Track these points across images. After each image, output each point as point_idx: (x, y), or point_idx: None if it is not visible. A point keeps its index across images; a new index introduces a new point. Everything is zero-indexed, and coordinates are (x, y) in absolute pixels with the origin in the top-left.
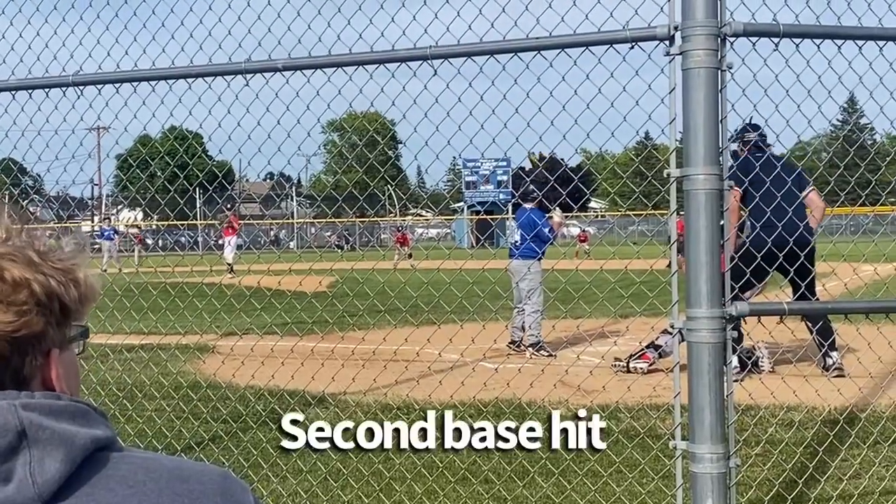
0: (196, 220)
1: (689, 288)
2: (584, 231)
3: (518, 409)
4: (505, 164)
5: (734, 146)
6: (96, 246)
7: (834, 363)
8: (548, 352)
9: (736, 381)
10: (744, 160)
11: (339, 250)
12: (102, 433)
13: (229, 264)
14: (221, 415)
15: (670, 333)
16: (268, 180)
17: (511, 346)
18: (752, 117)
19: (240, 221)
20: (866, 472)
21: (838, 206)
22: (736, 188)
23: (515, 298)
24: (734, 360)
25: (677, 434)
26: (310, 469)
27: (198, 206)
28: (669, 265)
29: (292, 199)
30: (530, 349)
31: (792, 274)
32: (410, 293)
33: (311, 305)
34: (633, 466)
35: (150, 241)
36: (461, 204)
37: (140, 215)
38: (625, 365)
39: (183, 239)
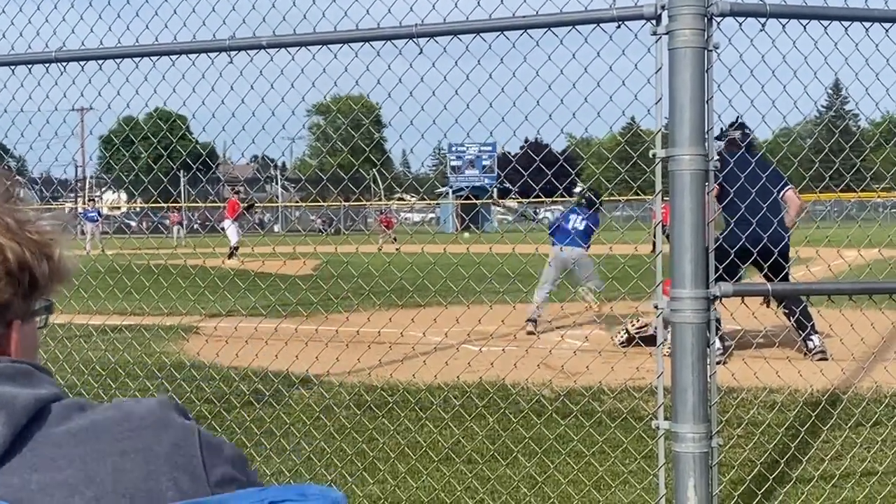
0: (179, 201)
1: (674, 269)
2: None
3: (502, 390)
4: (490, 148)
5: (719, 144)
6: (81, 227)
7: (815, 347)
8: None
9: (718, 362)
10: (721, 158)
11: (322, 233)
12: (47, 391)
13: (233, 247)
14: (205, 395)
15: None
16: (252, 162)
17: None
18: (738, 117)
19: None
20: (848, 453)
21: (821, 192)
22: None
23: (552, 280)
24: (717, 342)
25: (660, 414)
26: (293, 449)
27: (181, 186)
28: (654, 248)
29: (276, 182)
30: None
31: (766, 271)
32: (395, 274)
33: (295, 286)
34: (616, 447)
35: (132, 223)
36: (446, 188)
37: (124, 196)
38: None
39: (167, 221)
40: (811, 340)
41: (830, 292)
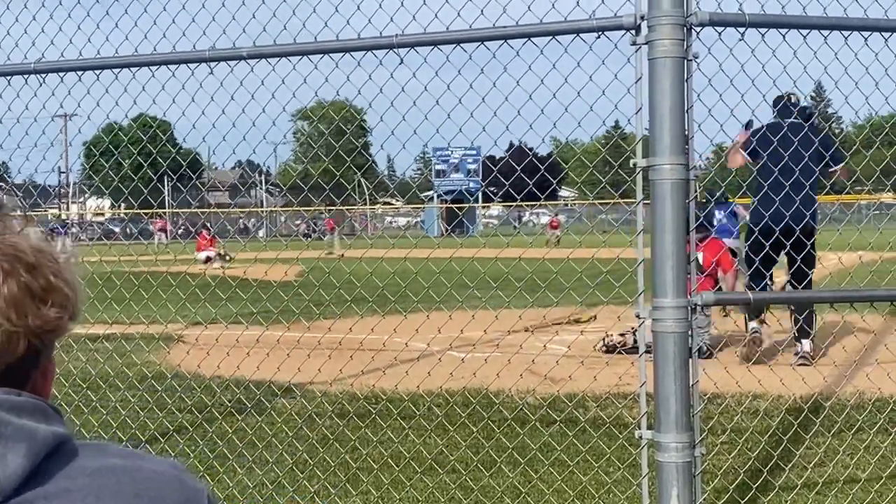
0: (163, 208)
1: (655, 277)
2: (555, 217)
3: (485, 399)
4: (474, 152)
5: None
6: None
7: (801, 352)
8: None
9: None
10: (769, 126)
11: (306, 239)
12: (63, 430)
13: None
14: (187, 405)
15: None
16: (236, 168)
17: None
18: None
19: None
20: (830, 460)
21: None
22: (741, 152)
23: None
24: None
25: (643, 423)
26: (276, 460)
27: (166, 194)
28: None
29: (260, 188)
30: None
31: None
32: (377, 283)
33: (278, 295)
34: (599, 456)
35: (116, 229)
36: (431, 193)
37: (107, 204)
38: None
39: (150, 228)
40: (800, 343)
41: (812, 300)
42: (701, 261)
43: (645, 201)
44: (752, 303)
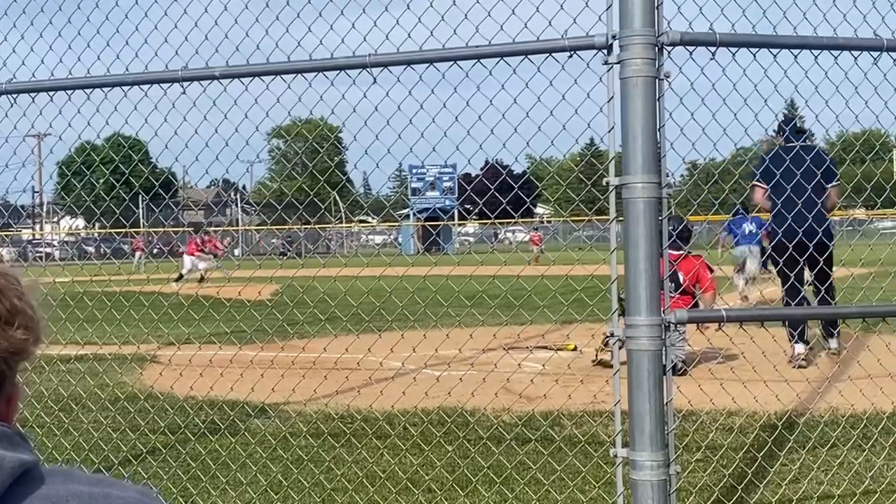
0: (139, 227)
1: (629, 296)
2: (535, 232)
3: (461, 418)
4: (451, 170)
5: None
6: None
7: (835, 349)
8: None
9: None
10: (775, 153)
11: (282, 257)
12: (29, 457)
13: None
14: (160, 427)
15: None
16: (212, 187)
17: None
18: (784, 117)
19: (216, 246)
20: (805, 476)
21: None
22: (760, 185)
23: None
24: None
25: (618, 441)
26: (249, 481)
27: (140, 212)
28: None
29: (236, 206)
30: None
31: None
32: (351, 302)
33: (252, 315)
34: (574, 474)
35: (90, 249)
36: (407, 210)
37: (81, 223)
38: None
39: (125, 247)
40: (829, 341)
41: (784, 317)
42: (680, 279)
43: (618, 219)
44: (727, 320)
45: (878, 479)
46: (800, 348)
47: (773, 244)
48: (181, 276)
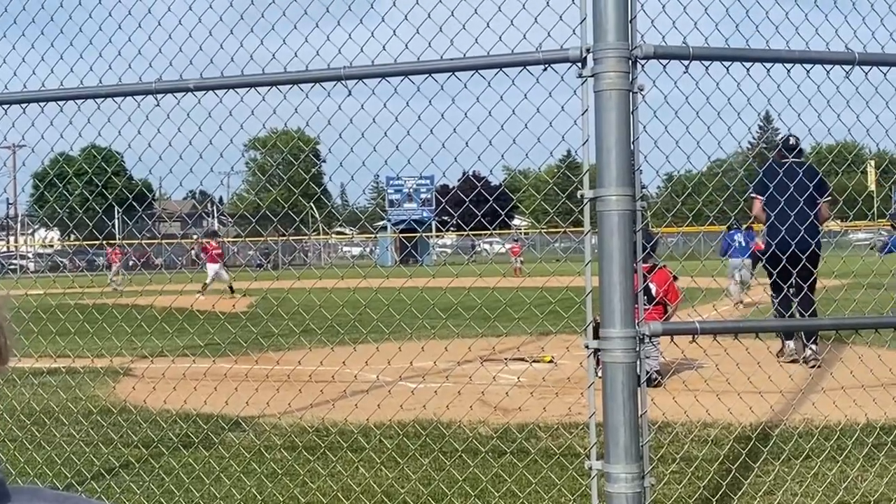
0: (115, 238)
1: (603, 308)
2: (515, 242)
3: (436, 430)
4: (428, 182)
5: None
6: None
7: (812, 354)
8: None
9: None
10: (770, 168)
11: (259, 269)
12: None
13: (230, 286)
14: (133, 440)
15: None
16: (188, 199)
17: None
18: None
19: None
20: (779, 488)
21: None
22: (758, 197)
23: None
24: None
25: (593, 454)
26: (224, 495)
27: (117, 225)
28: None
29: (213, 217)
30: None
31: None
32: (326, 314)
33: (226, 328)
34: (550, 486)
35: (65, 262)
36: (385, 222)
37: (56, 235)
38: None
39: (101, 259)
40: (810, 349)
41: (757, 329)
42: (654, 292)
43: (593, 231)
44: (700, 332)
45: (852, 491)
46: (790, 344)
47: (767, 254)
48: (206, 287)
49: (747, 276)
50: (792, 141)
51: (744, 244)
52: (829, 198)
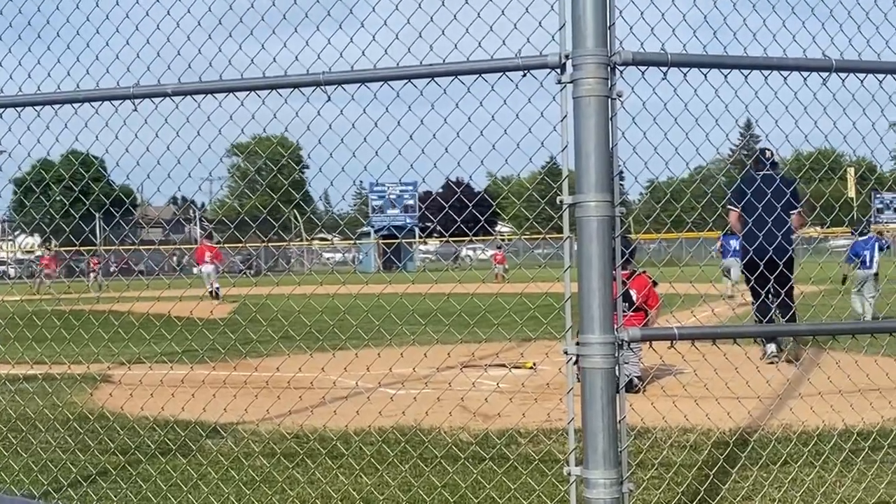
0: (94, 245)
1: (582, 314)
2: (498, 249)
3: (415, 436)
4: (411, 187)
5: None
6: None
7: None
8: None
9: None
10: (752, 173)
11: (242, 275)
12: None
13: (216, 290)
14: (110, 447)
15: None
16: (170, 204)
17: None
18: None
19: (213, 248)
20: (758, 493)
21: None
22: (734, 208)
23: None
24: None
25: (572, 460)
26: (202, 502)
27: (98, 231)
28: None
29: (194, 224)
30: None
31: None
32: (305, 321)
33: (203, 334)
34: (529, 492)
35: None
36: (367, 228)
37: (37, 241)
38: None
39: (82, 265)
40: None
41: (735, 335)
42: (634, 297)
43: (572, 237)
44: (679, 338)
45: (829, 496)
46: (771, 347)
47: (744, 262)
48: (216, 293)
49: (737, 273)
50: (767, 154)
51: (738, 248)
52: (800, 209)
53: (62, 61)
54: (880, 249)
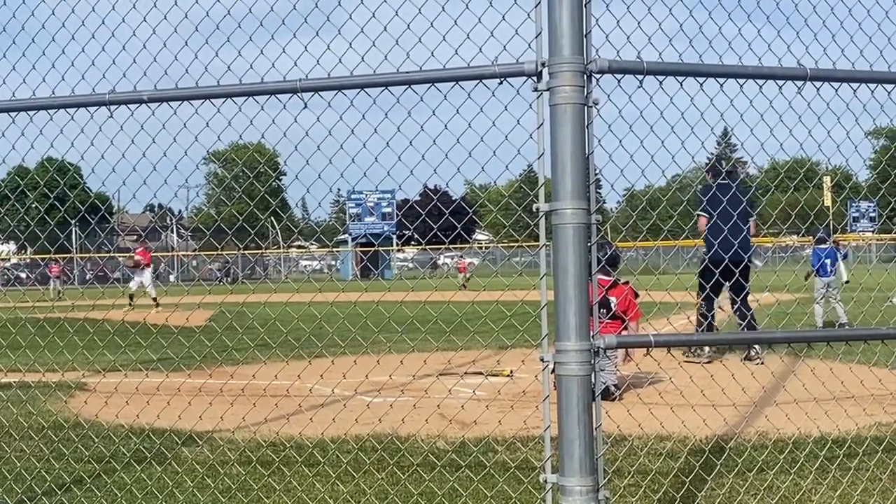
0: (67, 253)
1: (558, 321)
2: (461, 260)
3: (392, 444)
4: (389, 195)
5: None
6: None
7: (757, 354)
8: None
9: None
10: (707, 187)
11: (219, 283)
12: None
13: (153, 298)
14: (85, 456)
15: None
16: (146, 211)
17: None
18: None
19: (146, 253)
20: (734, 501)
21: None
22: (704, 215)
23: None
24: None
25: (548, 467)
26: None
27: (74, 238)
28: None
29: (171, 231)
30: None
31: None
32: (281, 328)
33: (179, 342)
34: (506, 500)
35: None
36: (346, 236)
37: (12, 248)
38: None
39: (47, 272)
40: (753, 349)
41: (710, 343)
42: (613, 306)
43: (548, 244)
44: (654, 345)
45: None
46: (757, 348)
47: (705, 266)
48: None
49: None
50: (727, 166)
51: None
52: (755, 216)
53: (37, 67)
54: (844, 257)
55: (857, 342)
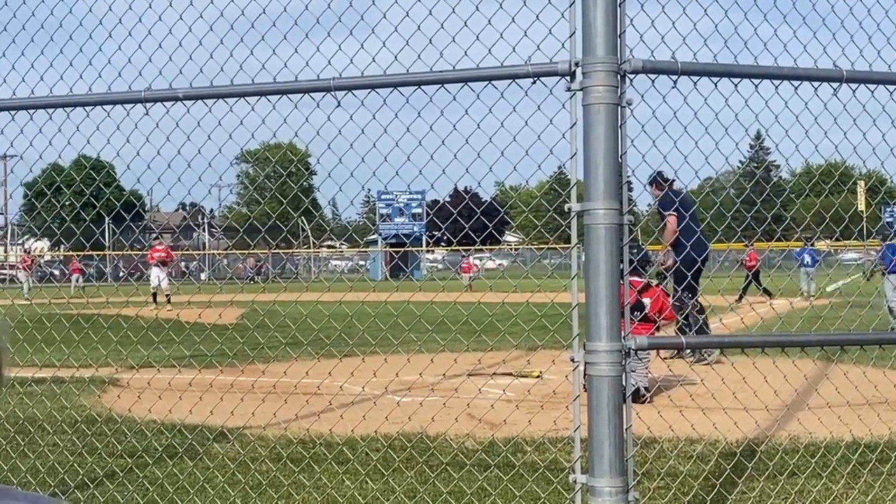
0: (102, 250)
1: (589, 322)
2: (467, 261)
3: (421, 443)
4: (419, 196)
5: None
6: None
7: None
8: None
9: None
10: (670, 193)
11: (250, 282)
12: None
13: (167, 295)
14: (118, 450)
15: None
16: (179, 210)
17: None
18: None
19: (160, 250)
20: None
21: (735, 241)
22: (674, 214)
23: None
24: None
25: (577, 468)
26: None
27: (106, 234)
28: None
29: (204, 230)
30: None
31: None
32: (313, 326)
33: (212, 338)
34: (535, 500)
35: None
36: (375, 236)
37: (46, 245)
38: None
39: (92, 269)
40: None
41: (742, 345)
42: (646, 306)
43: (580, 245)
44: (686, 346)
45: None
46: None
47: (676, 267)
48: (167, 297)
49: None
50: (665, 176)
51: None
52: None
53: (74, 65)
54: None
55: (892, 346)
